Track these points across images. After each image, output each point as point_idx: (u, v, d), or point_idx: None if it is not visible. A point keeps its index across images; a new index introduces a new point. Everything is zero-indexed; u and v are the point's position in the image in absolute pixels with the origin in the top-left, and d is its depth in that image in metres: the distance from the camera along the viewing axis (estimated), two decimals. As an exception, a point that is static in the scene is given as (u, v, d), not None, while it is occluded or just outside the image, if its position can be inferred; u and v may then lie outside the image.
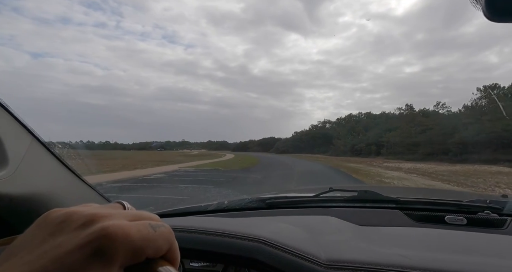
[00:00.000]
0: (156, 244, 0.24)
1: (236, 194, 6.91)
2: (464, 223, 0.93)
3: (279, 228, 0.77)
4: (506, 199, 1.16)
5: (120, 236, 0.22)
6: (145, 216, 0.27)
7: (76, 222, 0.23)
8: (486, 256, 0.64)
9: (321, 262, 0.58)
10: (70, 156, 0.89)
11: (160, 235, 0.25)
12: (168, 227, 0.26)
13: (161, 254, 0.25)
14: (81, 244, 0.22)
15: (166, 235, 0.25)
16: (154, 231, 0.24)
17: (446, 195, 1.52)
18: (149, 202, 6.38)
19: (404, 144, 40.59)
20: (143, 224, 0.24)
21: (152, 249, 0.24)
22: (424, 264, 0.55)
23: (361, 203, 1.12)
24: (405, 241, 0.76)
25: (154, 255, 0.24)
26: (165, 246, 0.25)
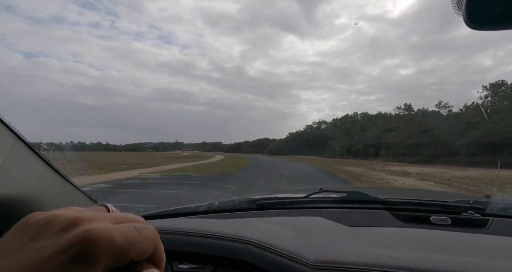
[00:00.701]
0: (140, 247, 0.24)
1: (227, 195, 6.77)
2: (449, 223, 0.94)
3: (268, 229, 0.78)
4: (489, 199, 1.17)
5: (103, 239, 0.22)
6: (129, 218, 0.26)
7: (57, 225, 0.23)
8: (469, 256, 0.66)
9: (309, 263, 0.59)
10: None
11: (145, 237, 0.24)
12: (153, 229, 0.26)
13: (146, 257, 0.25)
14: (63, 248, 0.21)
15: (151, 237, 0.25)
16: (138, 233, 0.24)
17: (431, 196, 1.56)
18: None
19: (405, 145, 37.65)
20: (127, 227, 0.24)
21: (137, 252, 0.23)
22: (409, 264, 0.56)
23: (350, 204, 1.13)
24: (392, 241, 0.77)
25: (138, 258, 0.24)
26: (149, 248, 0.25)
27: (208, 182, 11.29)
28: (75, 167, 7.84)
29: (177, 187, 9.78)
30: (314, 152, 62.94)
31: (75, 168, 7.36)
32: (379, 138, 45.28)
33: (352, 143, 51.99)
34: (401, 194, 1.59)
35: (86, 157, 31.78)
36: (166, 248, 0.62)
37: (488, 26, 0.33)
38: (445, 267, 0.55)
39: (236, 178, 13.32)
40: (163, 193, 8.55)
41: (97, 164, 19.65)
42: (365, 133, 52.67)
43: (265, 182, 11.29)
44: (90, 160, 24.37)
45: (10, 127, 0.67)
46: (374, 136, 47.07)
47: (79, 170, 10.36)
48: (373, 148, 44.86)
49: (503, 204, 1.04)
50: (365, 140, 48.48)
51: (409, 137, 37.89)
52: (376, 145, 44.86)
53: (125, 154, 72.65)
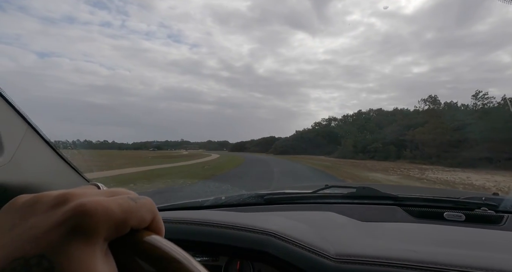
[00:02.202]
0: (139, 215, 0.24)
1: (235, 189, 6.25)
2: (463, 220, 0.93)
3: (285, 222, 0.77)
4: (500, 196, 1.17)
5: (100, 211, 0.21)
6: (122, 191, 0.26)
7: (46, 203, 0.22)
8: (487, 251, 0.65)
9: (331, 256, 0.58)
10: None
11: (142, 206, 0.24)
12: (149, 198, 0.26)
13: (145, 225, 0.25)
14: (58, 222, 0.21)
15: (148, 206, 0.25)
16: (135, 202, 0.24)
17: (442, 193, 1.52)
18: None
19: (437, 144, 29.95)
20: (122, 198, 0.24)
21: (136, 220, 0.23)
22: (432, 258, 0.55)
23: (360, 199, 1.12)
24: (407, 236, 0.76)
25: (139, 226, 0.24)
26: (148, 216, 0.25)
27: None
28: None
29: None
30: (323, 151, 55.55)
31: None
32: (402, 135, 37.62)
33: (367, 141, 44.36)
34: (410, 191, 1.63)
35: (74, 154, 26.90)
36: (181, 238, 0.64)
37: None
38: (467, 261, 0.54)
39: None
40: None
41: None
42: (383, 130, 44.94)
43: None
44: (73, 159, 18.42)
45: (22, 114, 0.66)
46: (395, 133, 39.37)
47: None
48: (394, 147, 37.23)
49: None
50: (383, 138, 40.81)
51: (443, 133, 30.18)
52: (397, 144, 37.26)
53: (124, 152, 67.97)
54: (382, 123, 52.66)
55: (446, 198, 1.06)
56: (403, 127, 39.51)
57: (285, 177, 12.36)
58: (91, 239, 0.21)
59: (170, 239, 0.81)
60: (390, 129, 41.92)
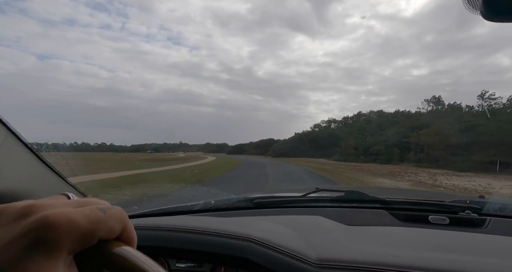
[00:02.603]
0: (107, 226, 0.23)
1: (224, 193, 6.17)
2: (447, 223, 0.94)
3: (269, 227, 0.77)
4: (484, 199, 1.16)
5: (64, 223, 0.21)
6: (92, 202, 0.26)
7: (10, 215, 0.22)
8: (469, 255, 0.66)
9: (312, 262, 0.58)
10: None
11: (111, 216, 0.24)
12: (120, 208, 0.25)
13: (115, 236, 0.24)
14: (20, 235, 0.20)
15: (118, 216, 0.24)
16: (103, 213, 0.23)
17: (428, 196, 1.55)
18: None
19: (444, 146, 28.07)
20: (90, 209, 0.23)
21: (104, 231, 0.23)
22: (411, 263, 0.56)
23: (348, 203, 1.12)
24: (392, 240, 0.77)
25: (107, 237, 0.23)
26: (117, 226, 0.24)
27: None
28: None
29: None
30: (323, 154, 53.65)
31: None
32: (405, 137, 35.76)
33: (369, 143, 42.49)
34: (398, 194, 1.63)
35: (66, 157, 25.42)
36: (165, 245, 0.65)
37: (506, 16, 0.31)
38: (447, 266, 0.54)
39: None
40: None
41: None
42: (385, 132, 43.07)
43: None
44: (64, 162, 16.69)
45: (1, 120, 0.65)
46: (398, 135, 37.51)
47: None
48: (398, 149, 35.33)
49: (499, 204, 1.03)
50: (385, 140, 38.93)
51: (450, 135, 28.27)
52: (401, 146, 35.38)
53: (116, 155, 66.15)
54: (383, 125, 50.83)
55: (431, 202, 1.07)
56: (406, 129, 37.67)
57: (281, 184, 10.66)
58: (54, 252, 0.20)
59: (152, 247, 0.67)
60: (393, 131, 40.09)
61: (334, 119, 75.65)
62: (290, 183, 11.43)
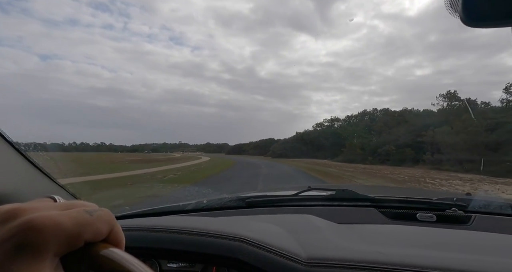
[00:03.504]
0: (94, 228, 0.23)
1: (215, 193, 6.30)
2: (434, 220, 0.96)
3: (260, 227, 0.77)
4: (470, 197, 1.18)
5: (49, 225, 0.20)
6: (78, 204, 0.25)
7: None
8: (454, 251, 0.67)
9: (302, 260, 0.59)
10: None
11: (98, 218, 0.24)
12: (107, 210, 0.25)
13: (102, 237, 0.24)
14: (3, 239, 0.20)
15: (105, 218, 0.24)
16: (90, 215, 0.23)
17: (417, 194, 1.55)
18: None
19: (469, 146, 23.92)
20: (77, 211, 0.23)
21: (90, 233, 0.23)
22: (399, 260, 0.56)
23: (339, 201, 1.13)
24: (381, 238, 0.78)
25: (94, 239, 0.23)
26: (105, 228, 0.24)
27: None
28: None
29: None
30: (325, 154, 49.66)
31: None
32: (418, 136, 31.67)
33: (377, 143, 38.35)
34: (388, 192, 1.70)
35: (57, 158, 22.52)
36: (155, 246, 0.65)
37: (484, 22, 0.31)
38: (433, 263, 0.55)
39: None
40: None
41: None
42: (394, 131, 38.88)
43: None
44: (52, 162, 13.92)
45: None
46: (410, 134, 33.39)
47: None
48: (411, 150, 31.20)
49: (484, 201, 1.05)
50: (395, 139, 34.79)
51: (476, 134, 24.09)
52: (414, 146, 31.29)
53: (111, 155, 62.87)
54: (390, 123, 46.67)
55: (420, 199, 1.08)
56: (420, 127, 33.53)
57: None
58: (39, 255, 0.20)
59: (143, 247, 0.67)
60: (404, 129, 35.91)
61: (337, 118, 71.42)
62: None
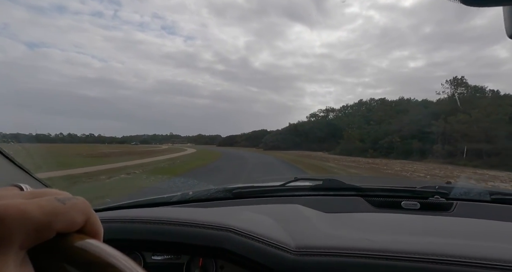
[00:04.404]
0: (66, 217, 0.21)
1: (202, 184, 5.66)
2: (418, 208, 0.98)
3: (248, 216, 0.76)
4: (451, 185, 1.21)
5: (14, 215, 0.18)
6: (50, 192, 0.23)
7: None
8: (437, 237, 0.69)
9: (291, 249, 0.58)
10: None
11: (71, 207, 0.21)
12: (82, 199, 0.23)
13: (76, 228, 0.22)
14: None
15: (80, 207, 0.22)
16: (63, 204, 0.21)
17: (401, 183, 1.56)
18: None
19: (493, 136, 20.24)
20: (47, 200, 0.21)
21: (63, 223, 0.20)
22: (385, 247, 0.57)
23: (326, 191, 1.13)
24: (367, 225, 0.79)
25: (68, 229, 0.21)
26: (79, 218, 0.22)
27: None
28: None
29: None
30: (321, 146, 45.99)
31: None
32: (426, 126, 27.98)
33: (378, 134, 34.62)
34: (374, 181, 1.71)
35: (31, 150, 18.82)
36: (139, 238, 0.63)
37: (484, 1, 0.29)
38: (417, 248, 0.56)
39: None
40: None
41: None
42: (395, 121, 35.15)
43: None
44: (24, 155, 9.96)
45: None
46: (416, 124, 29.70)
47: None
48: (418, 141, 27.54)
49: (465, 188, 1.09)
50: (399, 130, 31.09)
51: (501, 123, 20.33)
52: (421, 137, 27.64)
53: (95, 147, 58.39)
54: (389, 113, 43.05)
55: (404, 188, 1.10)
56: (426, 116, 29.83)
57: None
58: (3, 247, 0.18)
59: (126, 240, 0.64)
60: (408, 118, 32.20)
61: (332, 108, 67.50)
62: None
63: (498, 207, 1.00)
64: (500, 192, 1.10)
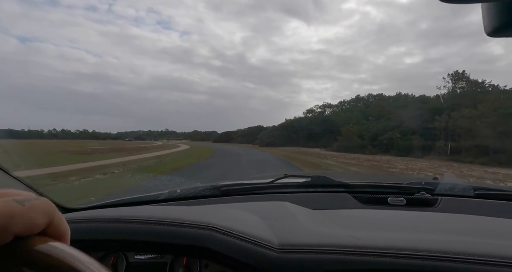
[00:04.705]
0: (25, 219, 0.19)
1: (190, 182, 5.42)
2: (404, 203, 0.99)
3: (232, 214, 0.75)
4: (437, 181, 1.21)
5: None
6: (8, 193, 0.21)
7: None
8: (422, 233, 0.70)
9: (274, 247, 0.57)
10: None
11: (30, 208, 0.20)
12: (45, 199, 0.21)
13: (37, 230, 0.20)
14: None
15: (41, 208, 0.20)
16: (21, 205, 0.20)
17: (388, 179, 1.57)
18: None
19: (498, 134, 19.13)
20: (3, 201, 0.19)
21: (21, 226, 0.19)
22: (370, 243, 0.57)
23: (314, 188, 1.13)
24: (354, 222, 0.79)
25: (27, 232, 0.20)
26: (41, 220, 0.20)
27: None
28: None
29: None
30: (318, 143, 44.82)
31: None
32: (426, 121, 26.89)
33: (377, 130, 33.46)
34: (361, 178, 1.73)
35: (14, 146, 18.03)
36: (120, 238, 0.62)
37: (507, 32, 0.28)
38: (404, 245, 0.56)
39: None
40: None
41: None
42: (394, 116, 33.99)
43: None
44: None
45: None
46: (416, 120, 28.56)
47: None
48: (420, 137, 26.41)
49: (450, 184, 1.10)
50: (399, 126, 29.95)
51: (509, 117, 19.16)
52: (423, 133, 26.54)
53: (89, 142, 56.82)
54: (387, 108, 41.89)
55: (390, 184, 1.11)
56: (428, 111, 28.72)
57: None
58: None
59: (105, 240, 0.63)
60: (408, 114, 31.07)
61: (329, 104, 66.26)
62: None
63: (482, 202, 1.02)
64: (483, 187, 1.12)
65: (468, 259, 0.51)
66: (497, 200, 1.03)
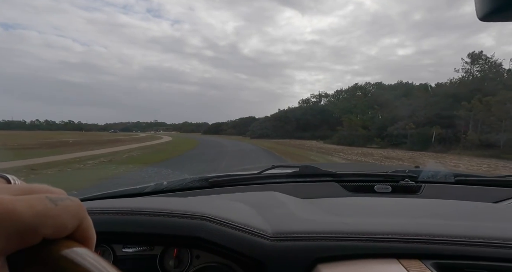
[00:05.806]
0: (57, 221, 0.17)
1: (177, 174, 5.57)
2: (389, 191, 1.04)
3: (224, 204, 0.75)
4: (420, 168, 1.25)
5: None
6: (40, 189, 0.19)
7: None
8: (407, 218, 0.72)
9: (268, 236, 0.57)
10: None
11: (63, 209, 0.18)
12: (77, 200, 0.19)
13: (66, 233, 0.18)
14: None
15: (73, 210, 0.19)
16: (54, 205, 0.18)
17: (374, 168, 1.71)
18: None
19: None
20: (38, 198, 0.17)
21: (52, 228, 0.17)
22: (359, 229, 0.59)
23: (303, 177, 1.14)
24: (343, 209, 0.80)
25: (56, 235, 0.18)
26: (71, 223, 0.18)
27: None
28: None
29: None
30: (314, 134, 40.34)
31: None
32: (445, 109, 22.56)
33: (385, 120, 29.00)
34: (348, 167, 1.73)
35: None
36: (107, 230, 0.58)
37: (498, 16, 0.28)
38: (389, 229, 0.58)
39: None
40: None
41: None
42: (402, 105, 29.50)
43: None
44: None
45: None
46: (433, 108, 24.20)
47: None
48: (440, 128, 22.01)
49: (432, 172, 1.14)
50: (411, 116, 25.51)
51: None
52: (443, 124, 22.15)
53: (63, 133, 51.29)
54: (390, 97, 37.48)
55: (376, 173, 1.13)
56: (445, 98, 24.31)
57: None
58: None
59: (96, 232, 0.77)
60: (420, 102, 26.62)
61: (326, 93, 61.76)
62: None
63: (461, 188, 1.08)
64: (462, 174, 1.17)
65: (450, 240, 0.54)
66: (475, 185, 1.09)
